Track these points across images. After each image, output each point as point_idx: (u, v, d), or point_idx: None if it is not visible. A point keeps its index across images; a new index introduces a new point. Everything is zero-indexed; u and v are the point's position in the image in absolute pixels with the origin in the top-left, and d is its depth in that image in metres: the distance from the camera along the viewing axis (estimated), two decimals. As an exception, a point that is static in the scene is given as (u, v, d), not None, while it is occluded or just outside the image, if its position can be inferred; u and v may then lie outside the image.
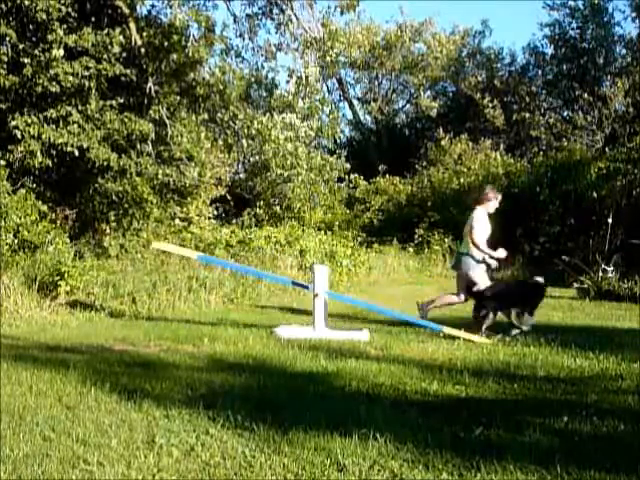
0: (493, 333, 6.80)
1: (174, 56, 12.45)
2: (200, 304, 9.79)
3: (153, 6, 13.35)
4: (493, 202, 7.63)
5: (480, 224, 7.44)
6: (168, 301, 9.57)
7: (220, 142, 15.63)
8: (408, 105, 28.95)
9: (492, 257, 7.48)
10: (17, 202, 10.17)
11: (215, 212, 16.05)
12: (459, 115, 25.71)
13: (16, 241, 9.84)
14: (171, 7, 12.34)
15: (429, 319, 7.66)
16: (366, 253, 15.86)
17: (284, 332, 6.88)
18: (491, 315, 6.96)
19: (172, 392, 4.42)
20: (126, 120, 11.53)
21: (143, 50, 12.33)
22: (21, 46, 10.69)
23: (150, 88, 12.28)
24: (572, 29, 23.26)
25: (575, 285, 12.17)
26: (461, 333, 6.71)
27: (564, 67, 23.71)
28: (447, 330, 6.87)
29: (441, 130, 23.28)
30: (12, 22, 10.80)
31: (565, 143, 20.84)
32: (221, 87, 13.17)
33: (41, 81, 10.55)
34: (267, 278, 10.59)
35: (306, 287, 7.92)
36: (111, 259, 11.09)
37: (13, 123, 10.59)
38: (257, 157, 17.73)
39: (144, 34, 12.37)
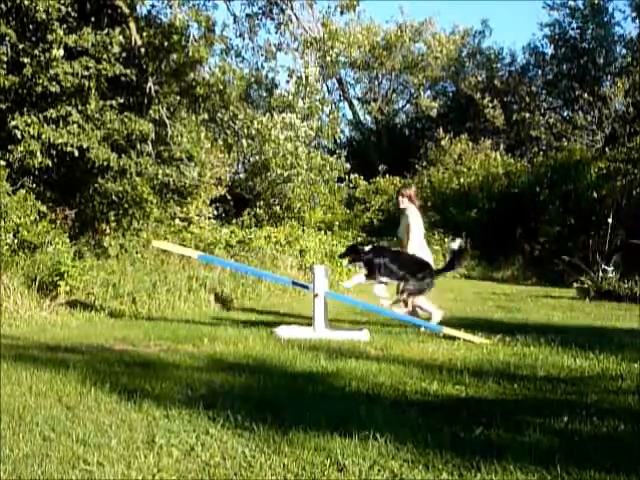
0: None
1: (174, 56, 12.45)
2: (200, 304, 9.80)
3: (153, 6, 13.36)
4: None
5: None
6: (168, 301, 9.57)
7: (220, 142, 15.63)
8: (408, 105, 29.00)
9: None
10: (17, 202, 10.17)
11: (215, 212, 16.06)
12: (459, 115, 25.75)
13: (16, 241, 9.84)
14: (171, 7, 12.34)
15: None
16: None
17: (284, 332, 6.88)
18: None
19: (172, 392, 4.42)
20: (126, 120, 11.52)
21: (143, 50, 12.33)
22: (21, 46, 10.67)
23: (150, 88, 12.27)
24: (572, 29, 23.30)
25: (575, 285, 12.18)
26: (461, 334, 6.71)
27: (564, 67, 23.75)
28: (447, 330, 6.87)
29: (441, 130, 23.30)
30: (12, 22, 10.79)
31: (565, 143, 20.87)
32: (221, 87, 13.16)
33: (41, 81, 10.54)
34: (267, 278, 10.60)
35: (306, 287, 7.92)
36: (111, 259, 11.08)
37: (13, 123, 10.59)
38: (257, 157, 17.75)
39: (144, 34, 12.36)
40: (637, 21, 22.58)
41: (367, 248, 7.39)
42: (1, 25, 10.41)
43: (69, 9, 10.74)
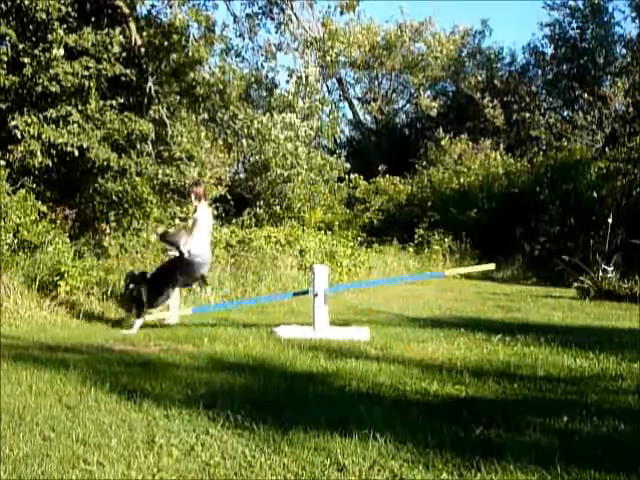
0: None
1: (174, 56, 12.44)
2: (200, 304, 9.79)
3: (153, 6, 13.35)
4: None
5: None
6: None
7: (220, 142, 15.61)
8: (408, 105, 28.97)
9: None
10: (17, 202, 10.16)
11: (215, 212, 16.04)
12: (459, 115, 25.72)
13: (16, 241, 9.83)
14: (171, 7, 12.35)
15: None
16: (366, 253, 15.87)
17: (284, 332, 6.89)
18: None
19: (172, 392, 4.42)
20: (126, 120, 11.51)
21: (143, 50, 12.33)
22: (21, 46, 10.67)
23: (150, 88, 12.27)
24: (572, 29, 23.28)
25: (575, 285, 12.17)
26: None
27: (564, 67, 23.74)
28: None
29: (441, 130, 23.28)
30: (12, 22, 10.78)
31: (565, 143, 20.85)
32: (221, 87, 13.15)
33: (41, 81, 10.54)
34: (266, 299, 10.23)
35: (305, 292, 7.90)
36: (111, 259, 11.08)
37: (13, 123, 10.58)
38: (257, 157, 17.72)
39: (144, 34, 12.36)
40: (637, 21, 22.56)
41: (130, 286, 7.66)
42: (1, 25, 10.41)
43: (69, 9, 10.74)
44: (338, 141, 22.80)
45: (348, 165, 19.80)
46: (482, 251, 18.06)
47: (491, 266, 6.38)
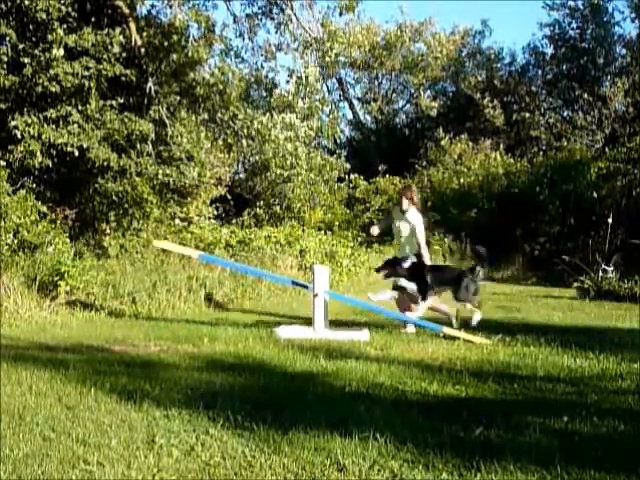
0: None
1: (174, 56, 12.44)
2: (200, 304, 9.80)
3: (153, 6, 13.34)
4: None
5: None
6: (168, 301, 9.56)
7: (220, 142, 15.61)
8: (408, 105, 28.97)
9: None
10: (17, 202, 10.16)
11: (215, 212, 16.05)
12: (459, 115, 25.72)
13: (16, 241, 9.83)
14: (171, 7, 12.34)
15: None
16: (366, 253, 15.87)
17: (284, 332, 6.88)
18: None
19: (172, 392, 4.42)
20: (126, 120, 11.52)
21: (143, 50, 12.32)
22: (21, 46, 10.67)
23: (150, 88, 12.27)
24: (572, 29, 23.30)
25: (575, 285, 12.18)
26: (461, 334, 6.71)
27: (564, 67, 23.74)
28: (447, 330, 6.87)
29: (441, 130, 23.29)
30: (12, 22, 10.79)
31: (565, 143, 20.87)
32: (221, 87, 13.15)
33: (41, 81, 10.54)
34: (267, 277, 10.60)
35: (306, 287, 7.93)
36: (111, 259, 11.08)
37: (13, 123, 10.58)
38: (257, 157, 17.73)
39: (144, 34, 12.36)
40: (637, 21, 22.58)
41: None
42: (1, 25, 10.41)
43: (69, 9, 10.75)
44: (338, 141, 22.81)
45: (348, 165, 19.81)
46: (482, 251, 18.04)
47: (487, 341, 6.48)
